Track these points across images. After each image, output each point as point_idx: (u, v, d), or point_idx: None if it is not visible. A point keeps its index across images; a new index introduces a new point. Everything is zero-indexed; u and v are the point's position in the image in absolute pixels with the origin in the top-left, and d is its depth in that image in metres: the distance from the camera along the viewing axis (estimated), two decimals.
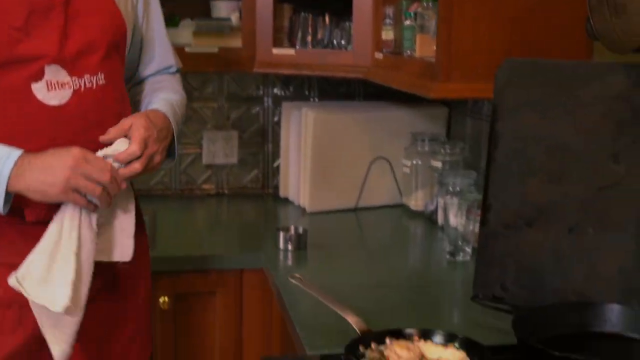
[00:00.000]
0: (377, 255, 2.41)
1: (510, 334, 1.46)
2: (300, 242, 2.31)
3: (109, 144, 1.62)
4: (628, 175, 1.58)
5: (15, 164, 1.51)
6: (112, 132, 1.63)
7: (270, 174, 3.12)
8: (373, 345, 1.46)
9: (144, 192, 1.83)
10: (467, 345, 1.46)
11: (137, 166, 1.64)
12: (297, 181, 2.91)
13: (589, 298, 1.61)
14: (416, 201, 2.79)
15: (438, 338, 1.49)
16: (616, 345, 1.47)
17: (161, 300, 2.22)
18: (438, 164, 2.67)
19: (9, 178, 1.51)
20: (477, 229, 2.19)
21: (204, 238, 2.63)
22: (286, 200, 3.01)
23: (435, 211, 2.65)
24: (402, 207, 2.90)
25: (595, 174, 1.62)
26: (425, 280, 2.14)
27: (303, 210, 2.86)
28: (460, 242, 2.24)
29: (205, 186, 3.06)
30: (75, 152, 1.53)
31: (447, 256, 2.24)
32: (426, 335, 1.49)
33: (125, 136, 1.64)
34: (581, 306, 1.54)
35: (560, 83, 1.67)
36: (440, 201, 2.55)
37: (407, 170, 2.82)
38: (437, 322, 1.77)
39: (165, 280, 2.22)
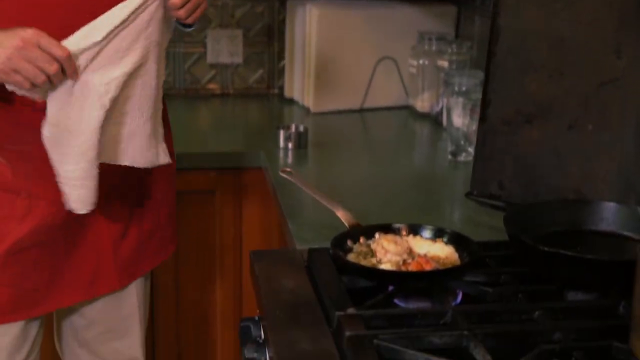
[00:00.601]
0: (380, 155, 2.39)
1: (501, 230, 1.44)
2: (301, 141, 2.29)
3: None
4: (629, 70, 1.53)
5: None
6: None
7: (276, 74, 3.07)
8: (362, 239, 1.45)
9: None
10: (456, 240, 1.44)
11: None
12: (302, 81, 2.86)
13: (586, 196, 1.59)
14: (422, 102, 2.75)
15: (427, 233, 1.47)
16: (610, 243, 1.45)
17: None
18: (445, 64, 2.62)
19: None
20: None
21: (207, 137, 2.61)
22: (291, 101, 2.97)
23: (441, 112, 2.60)
24: (409, 109, 2.86)
25: (596, 69, 1.57)
26: (425, 179, 2.12)
27: (308, 110, 2.83)
28: (462, 142, 2.20)
29: (210, 86, 3.02)
30: (28, 33, 1.42)
31: (449, 156, 2.21)
32: (415, 230, 1.48)
33: None
34: (577, 204, 1.51)
35: None
36: (445, 102, 2.51)
37: (413, 70, 2.77)
38: (434, 219, 1.74)
39: None
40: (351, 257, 1.41)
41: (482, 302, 1.26)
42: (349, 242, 1.44)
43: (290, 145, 2.28)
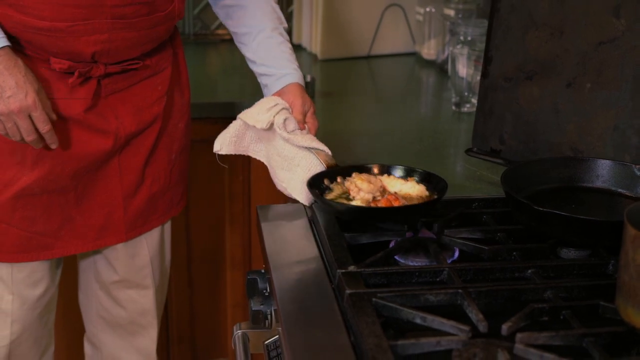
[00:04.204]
0: (386, 104, 2.43)
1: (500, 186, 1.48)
2: (308, 90, 2.32)
3: None
4: (628, 31, 1.56)
5: None
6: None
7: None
8: (339, 179, 1.53)
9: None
10: (426, 179, 1.52)
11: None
12: (310, 27, 2.89)
13: (583, 153, 1.63)
14: (428, 50, 2.78)
15: (398, 172, 1.55)
16: (604, 200, 1.49)
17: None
18: (451, 12, 2.64)
19: None
20: None
21: (218, 85, 2.64)
22: (299, 47, 3.00)
23: (446, 61, 2.63)
24: (415, 56, 2.89)
25: (596, 29, 1.60)
26: (428, 129, 2.15)
27: (315, 57, 2.86)
28: (466, 93, 2.24)
29: (219, 31, 3.05)
30: (28, 101, 1.55)
31: (453, 107, 2.25)
32: (388, 170, 1.55)
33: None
34: (573, 161, 1.56)
35: None
36: (452, 51, 2.54)
37: (420, 17, 2.80)
38: (434, 169, 1.79)
39: None
40: (330, 196, 1.48)
41: (478, 260, 1.31)
42: (326, 181, 1.52)
43: None
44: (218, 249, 2.44)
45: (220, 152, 1.70)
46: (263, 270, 1.46)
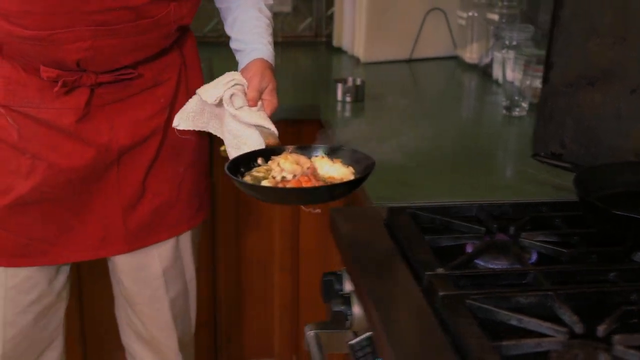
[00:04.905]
0: (433, 108, 2.45)
1: (565, 189, 1.51)
2: (358, 94, 2.35)
3: None
4: None
5: None
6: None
7: (324, 22, 3.12)
8: (260, 160, 1.54)
9: (198, 39, 1.83)
10: (354, 160, 1.52)
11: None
12: (351, 30, 2.92)
13: None
14: (471, 54, 2.81)
15: (322, 152, 1.56)
16: None
17: (222, 148, 2.27)
18: (495, 17, 2.67)
19: None
20: (534, 84, 2.23)
21: None
22: (339, 50, 3.03)
23: (490, 64, 2.66)
24: (456, 59, 2.91)
25: None
26: (479, 132, 2.18)
27: (356, 60, 2.88)
28: (516, 97, 2.26)
29: None
30: None
31: (503, 111, 2.28)
32: (316, 151, 1.56)
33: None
34: None
35: None
36: (497, 55, 2.57)
37: (462, 22, 2.82)
38: (490, 173, 1.82)
39: None
40: (253, 173, 1.49)
41: (557, 263, 1.34)
42: (260, 161, 1.54)
43: (348, 98, 2.35)
44: (267, 251, 2.47)
45: (178, 128, 1.68)
46: (339, 272, 1.48)
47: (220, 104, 1.62)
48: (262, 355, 2.55)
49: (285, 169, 1.46)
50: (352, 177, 1.48)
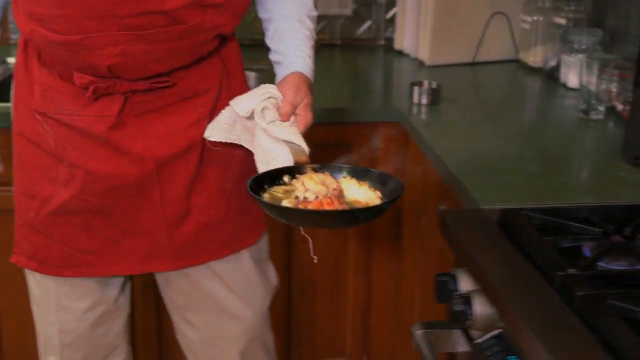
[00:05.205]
0: (507, 109, 2.46)
1: None
2: (435, 97, 2.37)
3: None
4: None
5: None
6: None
7: (383, 25, 3.15)
8: (286, 177, 1.48)
9: (259, 42, 1.83)
10: (383, 183, 1.46)
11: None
12: (413, 33, 2.94)
13: None
14: (534, 57, 2.82)
15: (350, 174, 1.49)
16: None
17: None
18: (562, 21, 2.69)
19: None
20: (611, 88, 2.24)
21: (335, 90, 2.64)
22: (399, 53, 3.05)
23: (556, 68, 2.68)
24: (517, 63, 2.93)
25: None
26: (561, 136, 2.17)
27: (419, 63, 2.91)
28: (593, 101, 2.28)
29: (319, 36, 3.09)
30: None
31: (581, 114, 2.29)
32: (341, 171, 1.49)
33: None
34: None
35: None
36: (566, 59, 2.59)
37: (526, 26, 2.84)
38: (580, 176, 1.83)
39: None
40: (273, 191, 1.44)
41: None
42: (286, 178, 1.49)
43: (424, 101, 2.37)
44: (340, 252, 2.49)
45: (210, 139, 1.63)
46: (452, 272, 1.50)
47: (252, 116, 1.57)
48: (334, 355, 2.57)
49: (310, 188, 1.40)
50: (378, 202, 1.42)
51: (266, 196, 1.44)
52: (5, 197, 2.04)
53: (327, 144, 2.33)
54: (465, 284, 1.48)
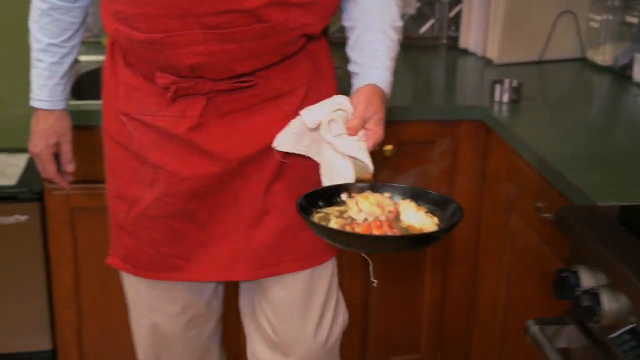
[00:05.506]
0: (585, 107, 2.46)
1: None
2: (517, 95, 2.38)
3: None
4: None
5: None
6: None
7: (446, 24, 3.15)
8: (344, 195, 1.42)
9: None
10: (441, 209, 1.39)
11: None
12: (480, 32, 2.95)
13: None
14: (604, 56, 2.83)
15: (407, 197, 1.42)
16: None
17: (386, 148, 2.30)
18: (634, 20, 2.69)
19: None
20: None
21: (415, 89, 2.63)
22: (464, 52, 3.06)
23: (629, 66, 2.69)
24: (583, 61, 2.94)
25: None
26: None
27: (487, 61, 2.91)
28: None
29: None
30: (37, 149, 1.82)
31: None
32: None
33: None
34: None
35: None
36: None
37: (595, 25, 2.85)
38: None
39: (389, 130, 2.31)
40: (327, 211, 1.39)
41: None
42: (344, 196, 1.43)
43: (506, 99, 2.37)
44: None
45: (278, 149, 1.59)
46: (573, 269, 1.51)
47: (319, 128, 1.50)
48: (409, 352, 2.58)
49: (364, 209, 1.34)
50: (433, 229, 1.35)
51: (318, 216, 1.38)
52: (81, 195, 2.08)
53: (413, 142, 2.36)
54: (588, 280, 1.49)
